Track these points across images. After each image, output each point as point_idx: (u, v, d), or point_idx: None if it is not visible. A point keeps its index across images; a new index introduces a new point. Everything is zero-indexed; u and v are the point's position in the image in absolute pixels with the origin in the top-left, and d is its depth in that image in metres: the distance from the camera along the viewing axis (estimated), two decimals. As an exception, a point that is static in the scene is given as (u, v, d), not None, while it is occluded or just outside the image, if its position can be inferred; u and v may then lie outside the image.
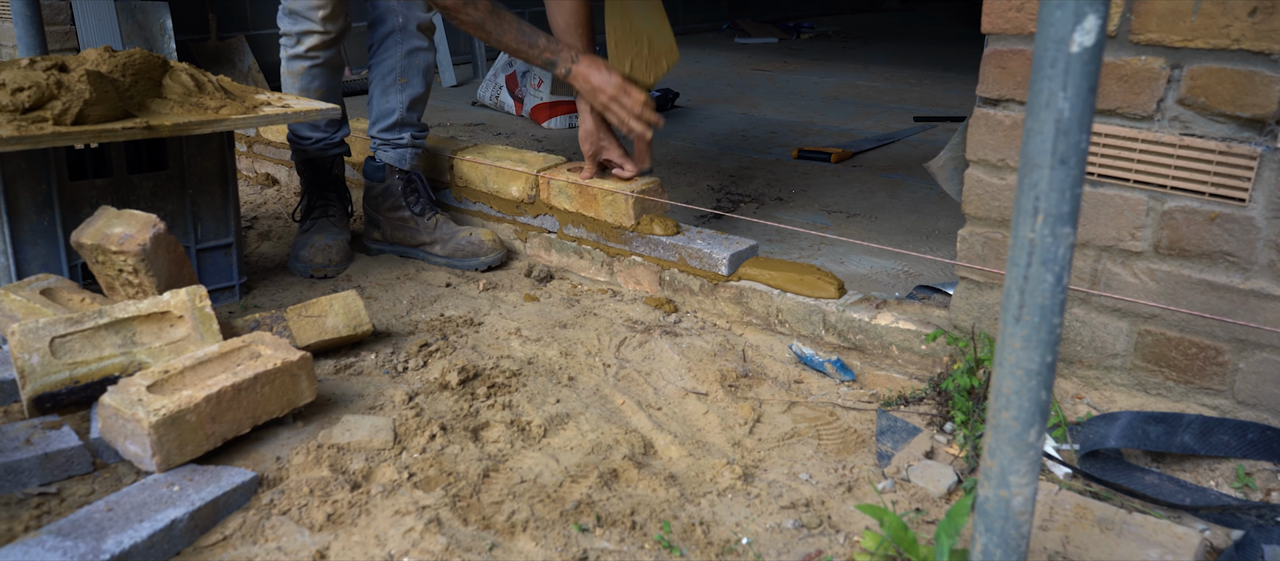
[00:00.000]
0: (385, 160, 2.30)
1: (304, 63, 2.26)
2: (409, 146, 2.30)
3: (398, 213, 2.30)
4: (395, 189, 2.30)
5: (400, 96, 2.28)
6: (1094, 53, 0.79)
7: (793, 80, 4.33)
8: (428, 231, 2.28)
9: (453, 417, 1.58)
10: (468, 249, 2.23)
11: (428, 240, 2.27)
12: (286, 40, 2.26)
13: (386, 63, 2.28)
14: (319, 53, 2.25)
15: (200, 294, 1.64)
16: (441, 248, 2.26)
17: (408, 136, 2.30)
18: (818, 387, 1.74)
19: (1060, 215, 0.82)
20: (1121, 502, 1.37)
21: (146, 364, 1.56)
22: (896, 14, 7.58)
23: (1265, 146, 1.38)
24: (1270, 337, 1.43)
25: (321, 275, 2.19)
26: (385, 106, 2.29)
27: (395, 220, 2.31)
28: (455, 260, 2.24)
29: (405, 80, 2.28)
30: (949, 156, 1.78)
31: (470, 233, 2.26)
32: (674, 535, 1.30)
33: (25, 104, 1.74)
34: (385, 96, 2.29)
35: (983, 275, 1.66)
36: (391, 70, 2.27)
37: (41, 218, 1.84)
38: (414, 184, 2.31)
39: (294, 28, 2.22)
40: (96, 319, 1.57)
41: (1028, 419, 0.88)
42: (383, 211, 2.33)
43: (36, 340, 1.51)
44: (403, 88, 2.28)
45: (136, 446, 1.36)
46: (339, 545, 1.27)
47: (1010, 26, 1.53)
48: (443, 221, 2.30)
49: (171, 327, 1.61)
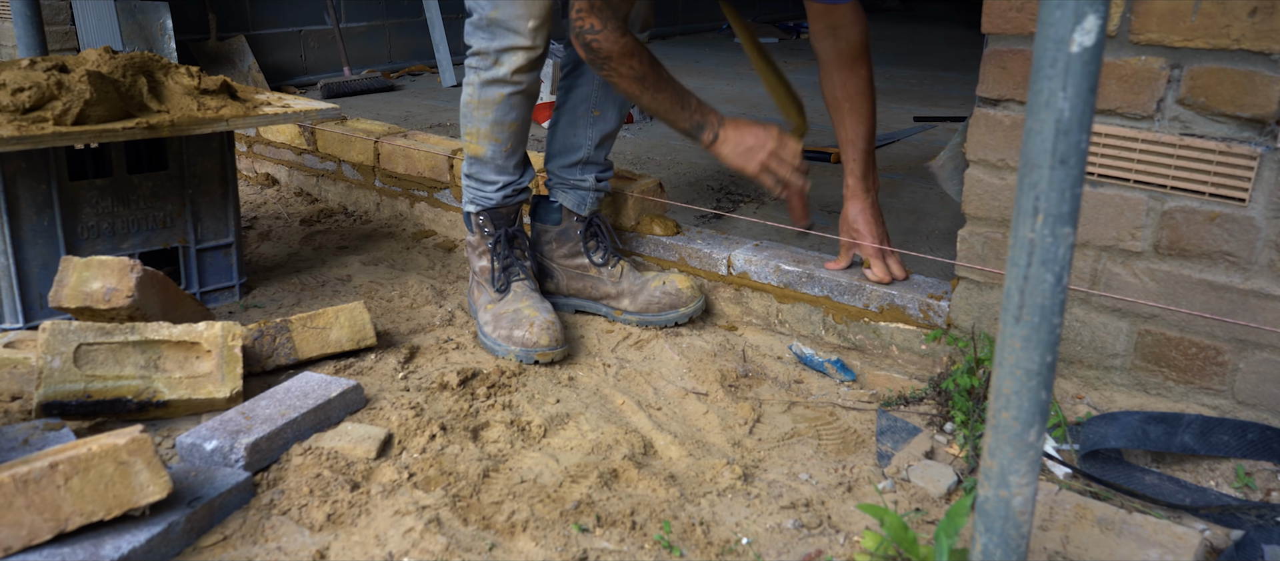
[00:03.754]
0: (563, 203, 2.00)
1: (504, 89, 1.83)
2: (592, 190, 1.99)
3: (576, 260, 2.00)
4: (573, 234, 2.00)
5: (590, 131, 1.97)
6: (1094, 53, 0.79)
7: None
8: (612, 282, 1.97)
9: (452, 417, 1.58)
10: (662, 301, 1.91)
11: (612, 292, 1.96)
12: (479, 60, 1.83)
13: (580, 90, 1.96)
14: (523, 76, 1.83)
15: (234, 332, 1.59)
16: (630, 302, 1.94)
17: (592, 178, 1.99)
18: (818, 387, 1.74)
19: (1060, 215, 0.82)
20: (1121, 502, 1.37)
21: (161, 393, 1.53)
22: (896, 14, 7.58)
23: (1265, 146, 1.38)
24: (1270, 337, 1.43)
25: (548, 361, 1.78)
26: (570, 140, 1.98)
27: (573, 269, 2.00)
28: (650, 317, 1.92)
29: (599, 112, 1.96)
30: (949, 156, 1.78)
31: (663, 282, 1.92)
32: (674, 535, 1.30)
33: (26, 104, 1.74)
34: (572, 129, 1.98)
35: (983, 275, 1.66)
36: (585, 99, 1.96)
37: (41, 218, 1.84)
38: (595, 229, 2.00)
39: (492, 44, 1.80)
40: (127, 334, 1.53)
41: (1028, 419, 0.88)
42: (557, 259, 2.02)
43: (63, 344, 1.49)
44: (595, 122, 1.97)
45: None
46: (339, 545, 1.27)
47: (1010, 26, 1.53)
48: (628, 270, 1.98)
49: (197, 360, 1.57)
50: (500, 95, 1.83)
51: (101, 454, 1.18)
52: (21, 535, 1.16)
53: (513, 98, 1.84)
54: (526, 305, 1.84)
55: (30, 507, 1.16)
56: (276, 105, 2.06)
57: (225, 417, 1.47)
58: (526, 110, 1.88)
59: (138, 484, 1.21)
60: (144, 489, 1.21)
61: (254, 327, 1.74)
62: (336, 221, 2.68)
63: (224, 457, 1.40)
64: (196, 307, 1.81)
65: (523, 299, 1.86)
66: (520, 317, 1.81)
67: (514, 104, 1.85)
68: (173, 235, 2.01)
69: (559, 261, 2.01)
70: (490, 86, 1.83)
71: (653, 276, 1.96)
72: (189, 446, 1.42)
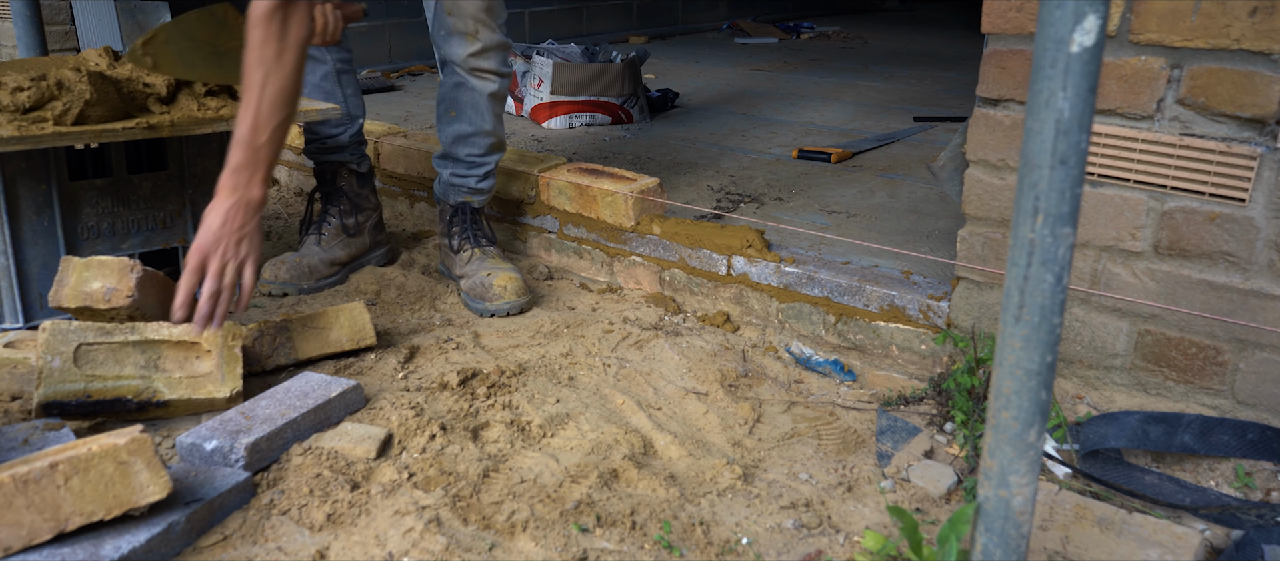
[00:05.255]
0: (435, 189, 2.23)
1: None
2: (448, 183, 2.17)
3: (442, 239, 2.23)
4: (444, 215, 2.21)
5: (447, 129, 2.14)
6: (1094, 53, 0.79)
7: (793, 80, 4.33)
8: (460, 264, 2.16)
9: (452, 417, 1.58)
10: (478, 291, 2.08)
11: (459, 273, 2.16)
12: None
13: (440, 89, 2.16)
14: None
15: (235, 332, 1.59)
16: (465, 282, 2.13)
17: (447, 172, 2.17)
18: (818, 387, 1.74)
19: (1060, 215, 0.82)
20: (1121, 502, 1.37)
21: (161, 393, 1.53)
22: (896, 14, 7.58)
23: (1265, 146, 1.38)
24: (1270, 337, 1.43)
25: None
26: (440, 134, 2.18)
27: (442, 245, 2.23)
28: (469, 300, 2.10)
29: (454, 113, 2.12)
30: (949, 156, 1.78)
31: (489, 273, 2.08)
32: (674, 535, 1.30)
33: (26, 104, 1.74)
34: (439, 125, 2.17)
35: (983, 275, 1.66)
36: (443, 99, 2.14)
37: (41, 217, 1.84)
38: (458, 215, 2.18)
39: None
40: (127, 334, 1.53)
41: (1028, 419, 0.88)
42: (439, 234, 2.26)
43: (63, 343, 1.49)
44: (451, 121, 2.13)
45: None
46: (339, 545, 1.27)
47: (1010, 26, 1.53)
48: (476, 257, 2.14)
49: (198, 360, 1.57)
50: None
51: (101, 454, 1.18)
52: (21, 535, 1.15)
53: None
54: (493, 268, 2.10)
55: (30, 507, 1.15)
56: (276, 105, 2.05)
57: (225, 417, 1.47)
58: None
59: (138, 484, 1.20)
60: (144, 489, 1.20)
61: (254, 327, 1.74)
62: (336, 221, 2.68)
63: (224, 457, 1.40)
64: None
65: (490, 260, 2.13)
66: (486, 276, 2.07)
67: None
68: (173, 235, 2.01)
69: (439, 236, 2.25)
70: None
71: (485, 269, 2.09)
72: (189, 446, 1.42)
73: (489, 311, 2.05)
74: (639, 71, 3.43)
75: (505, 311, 2.05)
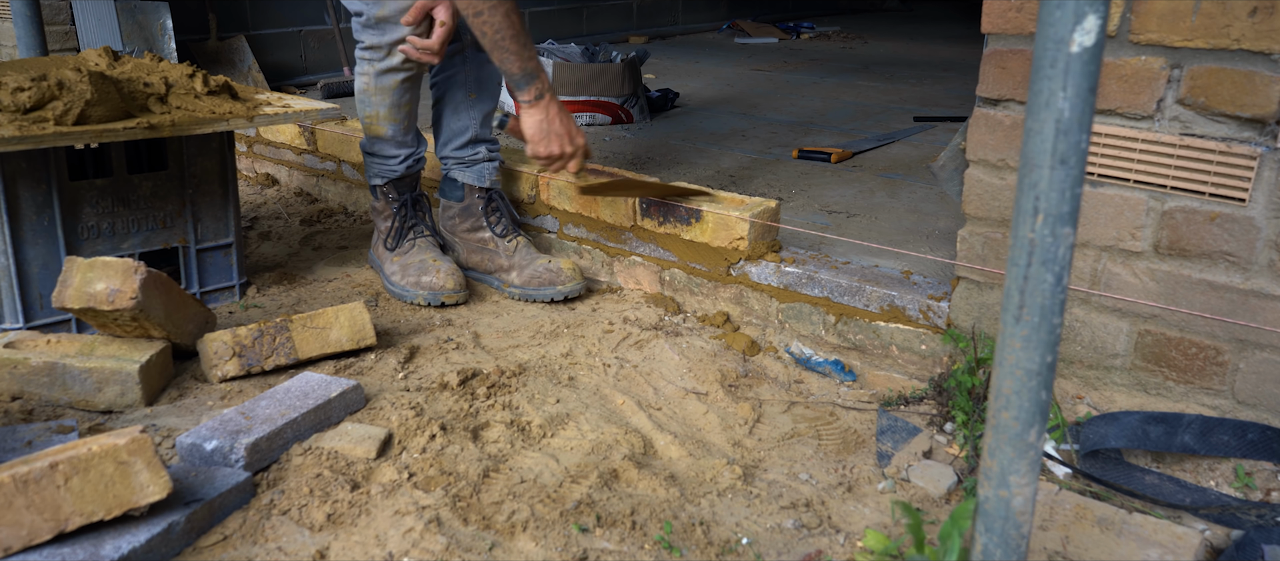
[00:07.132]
0: (464, 180, 2.19)
1: (398, 76, 2.06)
2: (486, 161, 2.18)
3: (478, 234, 2.19)
4: (475, 209, 2.18)
5: (472, 111, 2.17)
6: (1094, 53, 0.79)
7: (793, 80, 4.33)
8: (506, 255, 2.14)
9: (452, 417, 1.58)
10: (544, 277, 2.08)
11: (505, 265, 2.13)
12: (372, 54, 2.05)
13: (455, 78, 2.16)
14: (414, 64, 2.06)
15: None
16: (518, 275, 2.11)
17: (484, 151, 2.18)
18: (818, 387, 1.74)
19: (1060, 215, 0.82)
20: (1121, 502, 1.37)
21: None
22: (896, 14, 7.58)
23: (1265, 146, 1.38)
24: (1270, 337, 1.43)
25: (454, 302, 2.06)
26: (456, 125, 2.18)
27: (473, 242, 2.19)
28: (531, 290, 2.09)
29: (475, 95, 2.16)
30: (949, 156, 1.78)
31: (549, 260, 2.10)
32: (674, 535, 1.30)
33: (26, 104, 1.74)
34: (456, 115, 2.18)
35: (983, 275, 1.66)
36: (461, 85, 2.15)
37: (41, 217, 1.84)
38: (495, 203, 2.19)
39: (384, 39, 2.01)
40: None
41: (1028, 419, 0.88)
42: (460, 233, 2.21)
43: None
44: (474, 103, 2.16)
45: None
46: (339, 545, 1.27)
47: (1010, 26, 1.53)
48: (522, 246, 2.15)
49: None
50: (396, 81, 2.07)
51: (101, 454, 1.17)
52: (21, 535, 1.15)
53: (406, 84, 2.08)
54: (430, 256, 2.11)
55: (30, 507, 1.15)
56: (276, 105, 2.06)
57: (225, 417, 1.47)
58: (416, 92, 2.14)
59: (138, 484, 1.20)
60: (144, 489, 1.20)
61: (254, 327, 1.74)
62: (337, 221, 2.68)
63: (224, 457, 1.40)
64: (199, 308, 1.81)
65: (427, 251, 2.13)
66: (426, 265, 2.09)
67: (407, 89, 2.10)
68: (173, 235, 2.01)
69: (461, 236, 2.21)
70: (386, 75, 2.06)
71: (541, 257, 2.12)
72: (189, 446, 1.42)
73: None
74: (639, 71, 3.43)
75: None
